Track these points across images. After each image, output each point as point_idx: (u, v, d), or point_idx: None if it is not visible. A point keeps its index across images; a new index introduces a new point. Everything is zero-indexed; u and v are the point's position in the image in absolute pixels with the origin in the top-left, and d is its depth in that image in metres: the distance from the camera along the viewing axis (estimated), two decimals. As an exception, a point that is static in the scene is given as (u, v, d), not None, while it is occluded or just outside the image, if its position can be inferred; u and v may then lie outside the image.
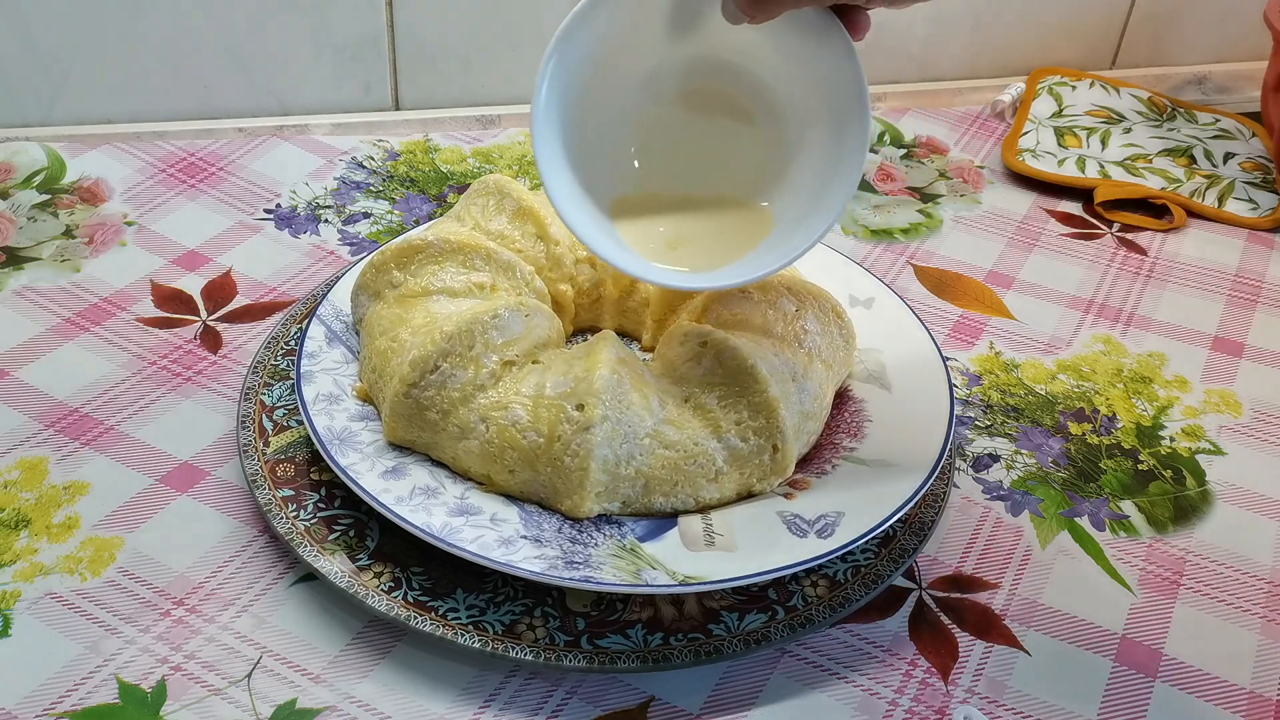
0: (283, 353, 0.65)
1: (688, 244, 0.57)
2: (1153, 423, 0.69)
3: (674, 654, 0.52)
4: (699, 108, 0.57)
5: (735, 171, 0.57)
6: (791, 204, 0.56)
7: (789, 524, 0.55)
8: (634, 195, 0.58)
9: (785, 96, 0.55)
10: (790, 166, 0.56)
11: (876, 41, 0.97)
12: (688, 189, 0.58)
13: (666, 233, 0.57)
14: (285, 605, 0.55)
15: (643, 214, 0.57)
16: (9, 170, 0.81)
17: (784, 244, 0.55)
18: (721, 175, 0.58)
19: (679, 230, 0.57)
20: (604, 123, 0.56)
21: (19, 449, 0.61)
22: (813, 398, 0.59)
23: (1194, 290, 0.80)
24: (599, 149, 0.56)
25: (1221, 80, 1.04)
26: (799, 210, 0.55)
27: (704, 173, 0.58)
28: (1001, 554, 0.60)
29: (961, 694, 0.53)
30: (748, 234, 0.57)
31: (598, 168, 0.56)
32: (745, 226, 0.57)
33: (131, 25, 0.82)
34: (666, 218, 0.58)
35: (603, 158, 0.57)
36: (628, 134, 0.57)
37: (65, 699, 0.50)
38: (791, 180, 0.56)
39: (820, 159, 0.55)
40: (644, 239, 0.57)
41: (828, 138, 0.54)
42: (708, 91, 0.56)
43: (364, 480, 0.54)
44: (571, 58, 0.52)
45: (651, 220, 0.57)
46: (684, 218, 0.58)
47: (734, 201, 0.58)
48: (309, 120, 0.88)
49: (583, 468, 0.53)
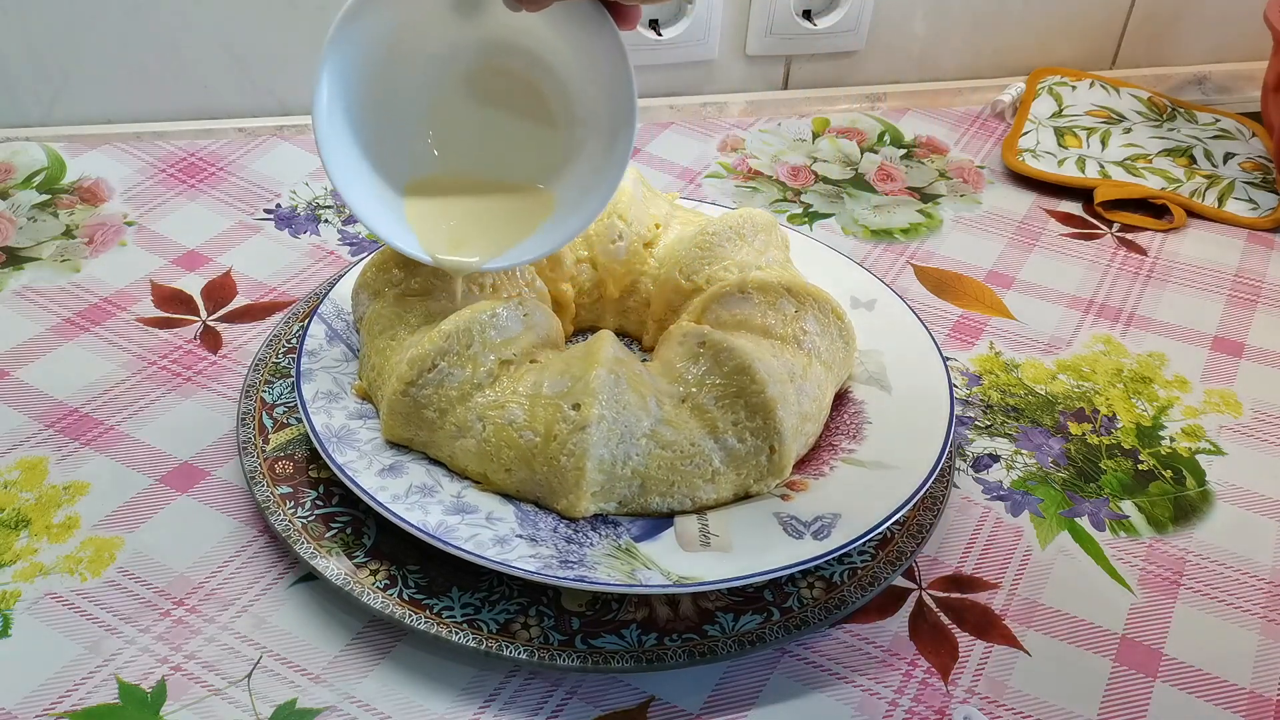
0: (284, 350, 0.65)
1: (473, 228, 0.58)
2: (1153, 423, 0.69)
3: (668, 654, 0.52)
4: (491, 88, 0.58)
5: (523, 155, 0.59)
6: (571, 187, 0.58)
7: (785, 525, 0.55)
8: (427, 179, 0.59)
9: (567, 78, 0.57)
10: (571, 150, 0.58)
11: (877, 41, 0.97)
12: (478, 173, 0.59)
13: (453, 217, 0.59)
14: (285, 605, 0.55)
15: (434, 197, 0.59)
16: (9, 170, 0.81)
17: (560, 227, 0.57)
18: (510, 159, 0.59)
19: (465, 214, 0.59)
20: (397, 107, 0.58)
21: (19, 449, 0.61)
22: (811, 399, 0.59)
23: (1194, 290, 0.80)
24: (393, 134, 0.58)
25: (1221, 80, 1.04)
26: (577, 193, 0.57)
27: (493, 156, 0.59)
28: (1001, 554, 0.60)
29: (961, 694, 0.53)
30: (529, 217, 0.58)
31: (392, 153, 0.58)
32: (528, 210, 0.59)
33: (131, 25, 0.82)
34: (455, 201, 0.59)
35: (397, 142, 0.58)
36: (422, 118, 0.59)
37: (65, 699, 0.50)
38: (572, 165, 0.58)
39: (596, 145, 0.57)
40: (431, 223, 0.58)
41: (604, 123, 0.56)
42: (499, 70, 0.58)
43: (361, 478, 0.54)
44: (357, 42, 0.54)
45: (441, 203, 0.59)
46: (471, 201, 0.59)
47: (519, 186, 0.59)
48: (309, 120, 0.88)
49: (579, 467, 0.53)
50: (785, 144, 0.91)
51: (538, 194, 0.59)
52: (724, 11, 0.92)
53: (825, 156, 0.90)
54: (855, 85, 0.99)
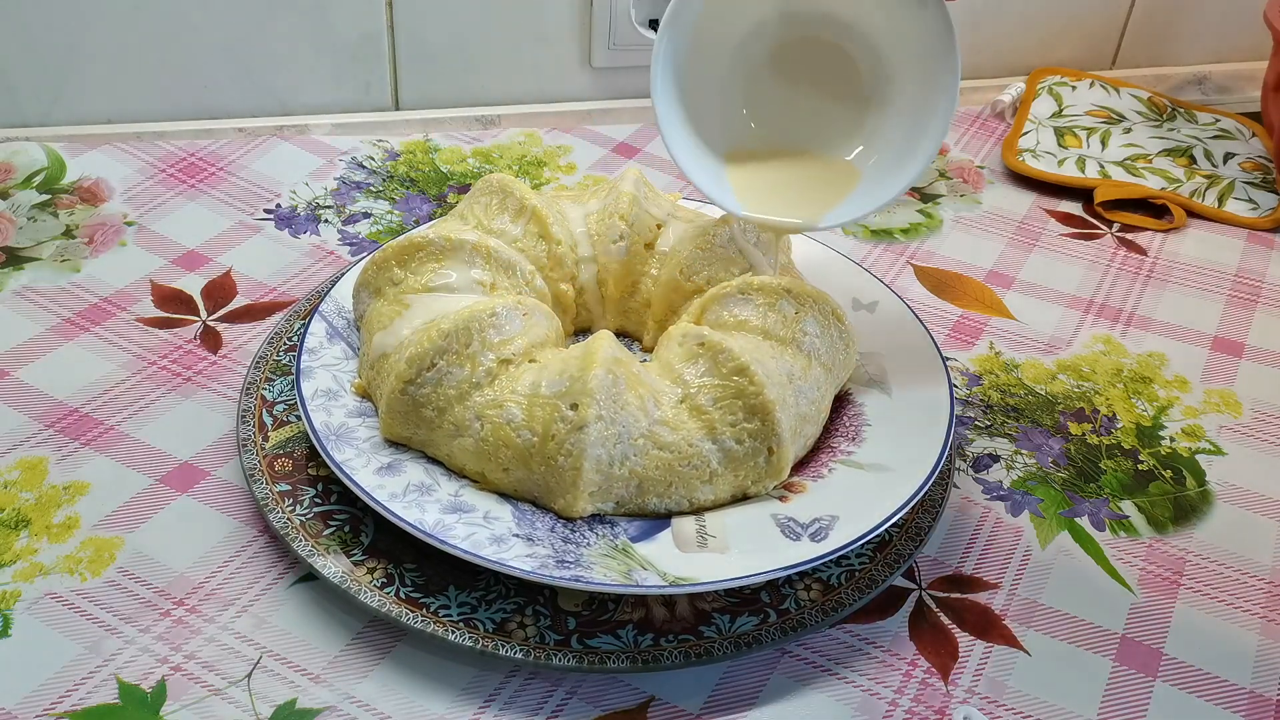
0: (285, 348, 0.65)
1: (787, 194, 0.62)
2: (1153, 423, 0.69)
3: (665, 655, 0.52)
4: (799, 59, 0.62)
5: (830, 124, 0.63)
6: (880, 157, 0.61)
7: (783, 527, 0.55)
8: (745, 149, 0.63)
9: (880, 49, 0.60)
10: (881, 120, 0.61)
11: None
12: (789, 142, 0.63)
13: (768, 183, 0.62)
14: (285, 605, 0.55)
15: (750, 164, 0.63)
16: (9, 170, 0.81)
17: (865, 197, 0.60)
18: (818, 127, 0.63)
19: (778, 181, 0.62)
20: (715, 80, 0.62)
21: (19, 449, 0.61)
22: (810, 401, 0.59)
23: (1194, 290, 0.80)
24: (712, 106, 0.62)
25: (1221, 80, 1.04)
26: (886, 164, 0.61)
27: (803, 126, 0.63)
28: (1001, 554, 0.60)
29: (961, 694, 0.53)
30: (836, 187, 0.62)
31: (713, 123, 0.62)
32: (835, 179, 0.62)
33: (131, 25, 0.82)
34: (770, 169, 0.63)
35: (716, 113, 0.62)
36: (736, 89, 0.63)
37: (65, 699, 0.50)
38: (882, 134, 0.61)
39: (908, 114, 0.60)
40: (750, 189, 0.62)
41: (916, 92, 0.59)
42: (807, 40, 0.61)
43: (359, 476, 0.54)
44: (681, 27, 0.58)
45: (757, 170, 0.63)
46: (784, 169, 0.63)
47: (825, 157, 0.63)
48: (309, 120, 0.88)
49: (576, 467, 0.53)
50: (785, 144, 0.91)
51: (842, 164, 0.62)
52: (724, 11, 0.92)
53: (825, 156, 0.90)
54: (855, 85, 0.99)
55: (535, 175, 0.86)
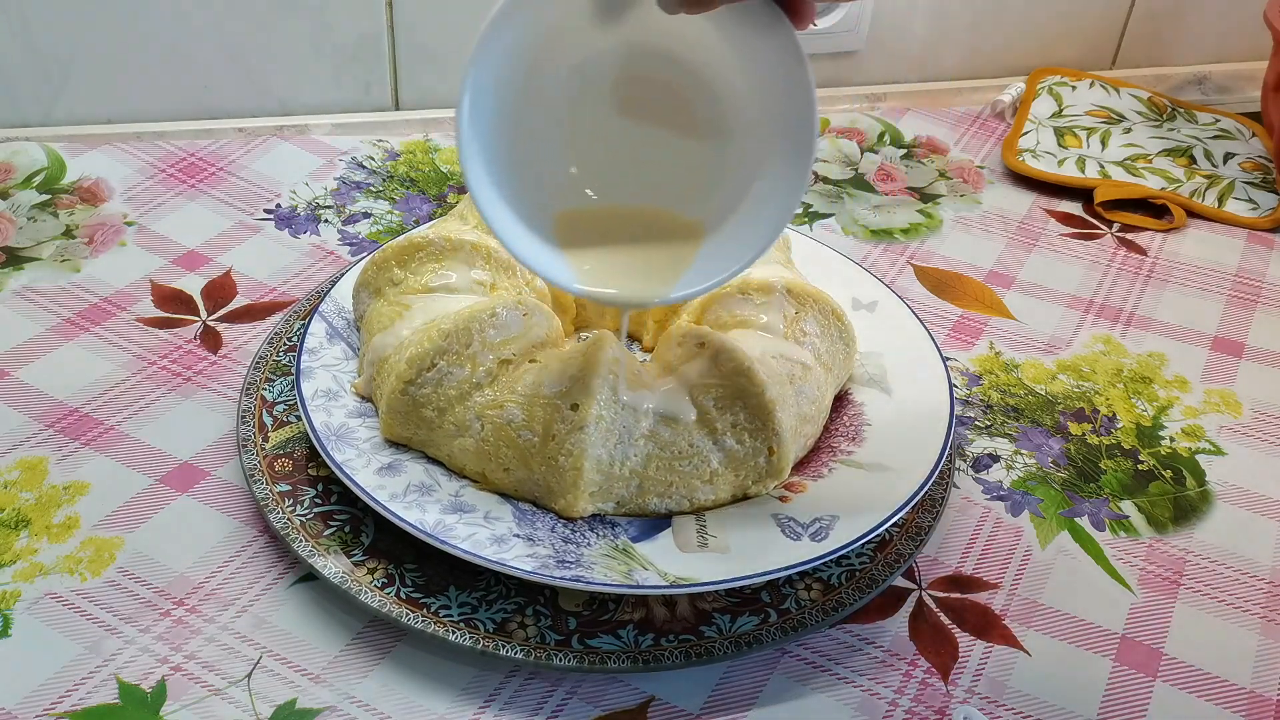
0: (285, 348, 0.65)
1: (625, 259, 0.54)
2: (1153, 423, 0.69)
3: (665, 655, 0.52)
4: (637, 102, 0.53)
5: (673, 179, 0.54)
6: (728, 219, 0.52)
7: (783, 527, 0.55)
8: (577, 205, 0.54)
9: (726, 92, 0.51)
10: (729, 176, 0.52)
11: (876, 41, 0.97)
12: (628, 197, 0.54)
13: (605, 247, 0.54)
14: (285, 605, 0.55)
15: (584, 225, 0.54)
16: (9, 170, 0.81)
17: (712, 266, 0.52)
18: (659, 180, 0.54)
19: (616, 244, 0.54)
20: (541, 125, 0.52)
21: (19, 449, 0.61)
22: (810, 401, 0.59)
23: (1194, 290, 0.80)
24: (537, 155, 0.53)
25: (1221, 80, 1.04)
26: (735, 227, 0.52)
27: (642, 178, 0.54)
28: (1001, 554, 0.60)
29: (961, 694, 0.53)
30: (683, 250, 0.53)
31: (540, 175, 0.53)
32: (680, 240, 0.54)
33: (131, 25, 0.82)
34: (606, 230, 0.54)
35: (541, 164, 0.53)
36: (565, 138, 0.54)
37: (65, 699, 0.50)
38: (729, 192, 0.52)
39: (761, 171, 0.51)
40: (585, 257, 0.54)
41: (770, 147, 0.50)
42: (646, 82, 0.52)
43: (359, 476, 0.54)
44: (497, 61, 0.48)
45: (592, 232, 0.54)
46: (622, 229, 0.54)
47: (669, 216, 0.54)
48: (309, 120, 0.88)
49: (576, 467, 0.53)
50: (785, 144, 0.91)
51: (690, 221, 0.53)
52: (724, 11, 0.92)
53: (825, 156, 0.90)
54: (855, 85, 0.99)
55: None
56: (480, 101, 0.49)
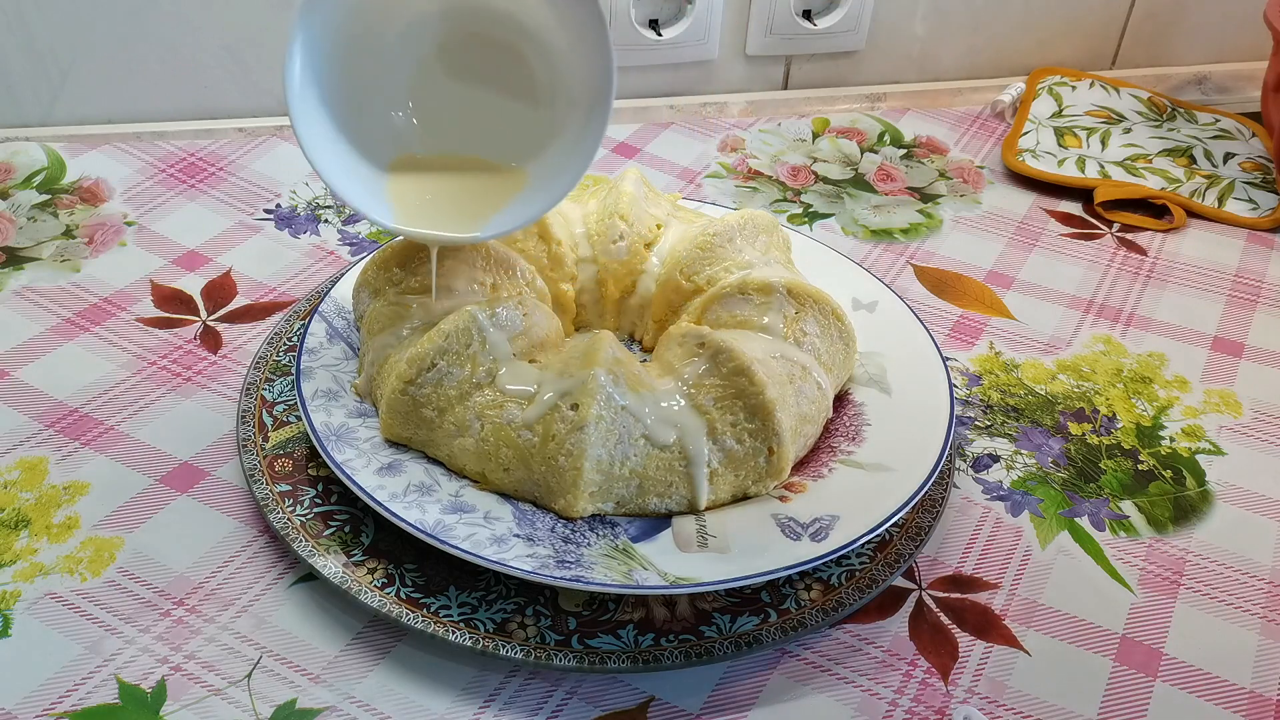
0: (285, 348, 0.65)
1: (446, 204, 0.58)
2: (1153, 423, 0.69)
3: (665, 655, 0.52)
4: (469, 57, 0.58)
5: (500, 128, 0.59)
6: (546, 163, 0.57)
7: (783, 527, 0.55)
8: (408, 156, 0.59)
9: (549, 47, 0.56)
10: (551, 124, 0.57)
11: (877, 41, 0.97)
12: (457, 148, 0.59)
13: (429, 192, 0.58)
14: (285, 605, 0.55)
15: (412, 173, 0.58)
16: (9, 170, 0.81)
17: (526, 205, 0.56)
18: (486, 133, 0.59)
19: (440, 190, 0.58)
20: (375, 78, 0.57)
21: (19, 449, 0.61)
22: (810, 401, 0.59)
23: (1194, 290, 0.80)
24: (373, 107, 0.58)
25: (1221, 80, 1.04)
26: (551, 170, 0.57)
27: (471, 130, 0.59)
28: (1001, 554, 0.60)
29: (961, 694, 0.53)
30: (500, 194, 0.58)
31: (373, 127, 0.57)
32: (499, 186, 0.58)
33: (131, 25, 0.82)
34: (432, 178, 0.59)
35: (377, 116, 0.58)
36: (400, 90, 0.58)
37: (65, 699, 0.50)
38: (550, 139, 0.57)
39: (573, 119, 0.56)
40: (408, 198, 0.58)
41: (581, 96, 0.55)
42: (476, 37, 0.57)
43: (359, 476, 0.54)
44: (326, 14, 0.53)
45: (419, 179, 0.58)
46: (447, 178, 0.59)
47: (493, 163, 0.59)
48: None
49: (576, 467, 0.53)
50: (785, 144, 0.91)
51: (511, 171, 0.58)
52: (724, 11, 0.92)
53: (825, 156, 0.90)
54: (855, 85, 0.99)
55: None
56: (313, 51, 0.53)
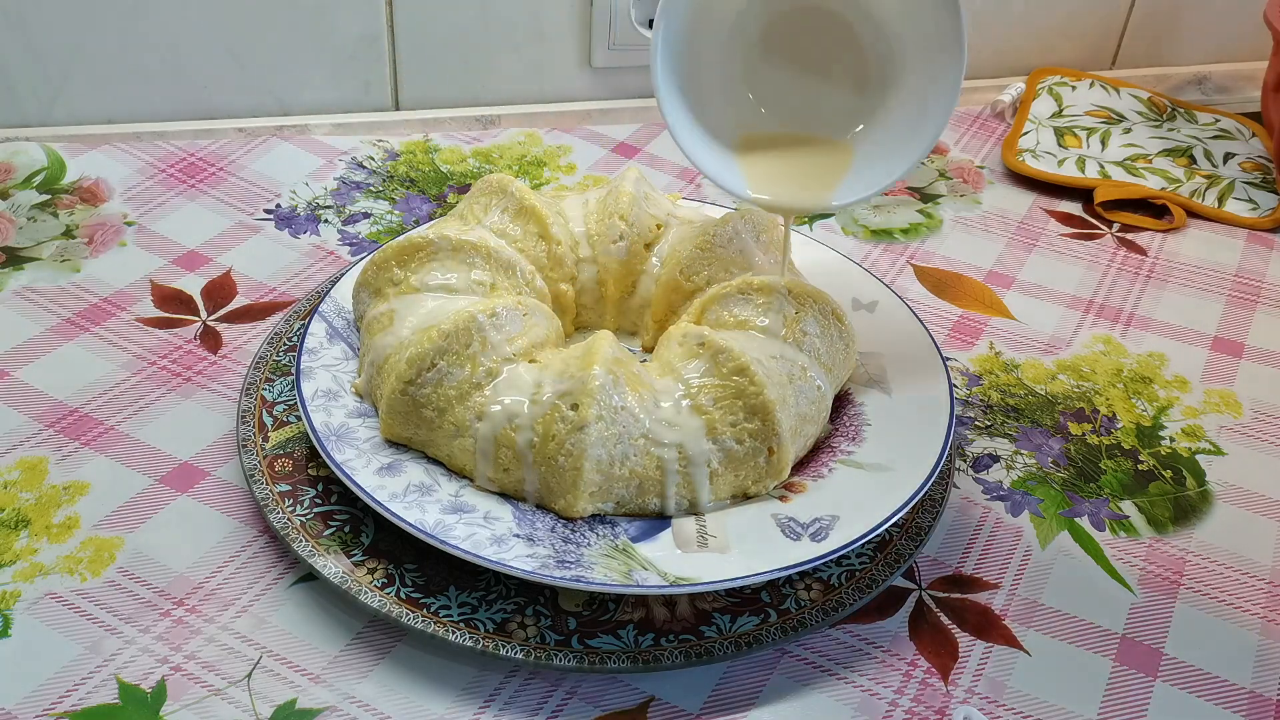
0: (284, 349, 0.65)
1: (791, 178, 0.61)
2: (1153, 423, 0.69)
3: (665, 655, 0.52)
4: (799, 32, 0.61)
5: (833, 102, 0.61)
6: (882, 137, 0.60)
7: (783, 527, 0.55)
8: (755, 132, 0.62)
9: (880, 17, 0.59)
10: (884, 98, 0.60)
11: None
12: (796, 122, 0.62)
13: (775, 166, 0.61)
14: (285, 605, 0.55)
15: (759, 148, 0.62)
16: (9, 170, 0.81)
17: (863, 179, 0.59)
18: (821, 106, 0.62)
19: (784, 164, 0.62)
20: (717, 64, 0.61)
21: (19, 449, 0.61)
22: (810, 401, 0.59)
23: (1194, 290, 0.80)
24: (718, 90, 0.61)
25: (1221, 80, 1.04)
26: (886, 145, 0.60)
27: (807, 104, 0.62)
28: (1001, 554, 0.60)
29: (961, 694, 0.53)
30: (838, 169, 0.61)
31: (721, 109, 0.61)
32: (836, 161, 0.61)
33: (131, 25, 0.82)
34: (775, 152, 0.62)
35: (722, 98, 0.61)
36: (738, 71, 0.62)
37: (65, 699, 0.50)
38: (884, 113, 0.60)
39: (910, 92, 0.59)
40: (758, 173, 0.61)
41: (919, 69, 0.58)
42: (809, 11, 0.60)
43: (359, 476, 0.54)
44: (676, 14, 0.57)
45: (764, 154, 0.62)
46: (789, 151, 0.62)
47: (827, 138, 0.62)
48: (309, 120, 0.88)
49: (576, 467, 0.53)
50: (785, 144, 0.91)
51: (843, 144, 0.61)
52: (724, 11, 0.92)
53: (825, 156, 0.90)
54: (855, 85, 0.99)
55: (535, 175, 0.86)
56: (669, 45, 0.57)
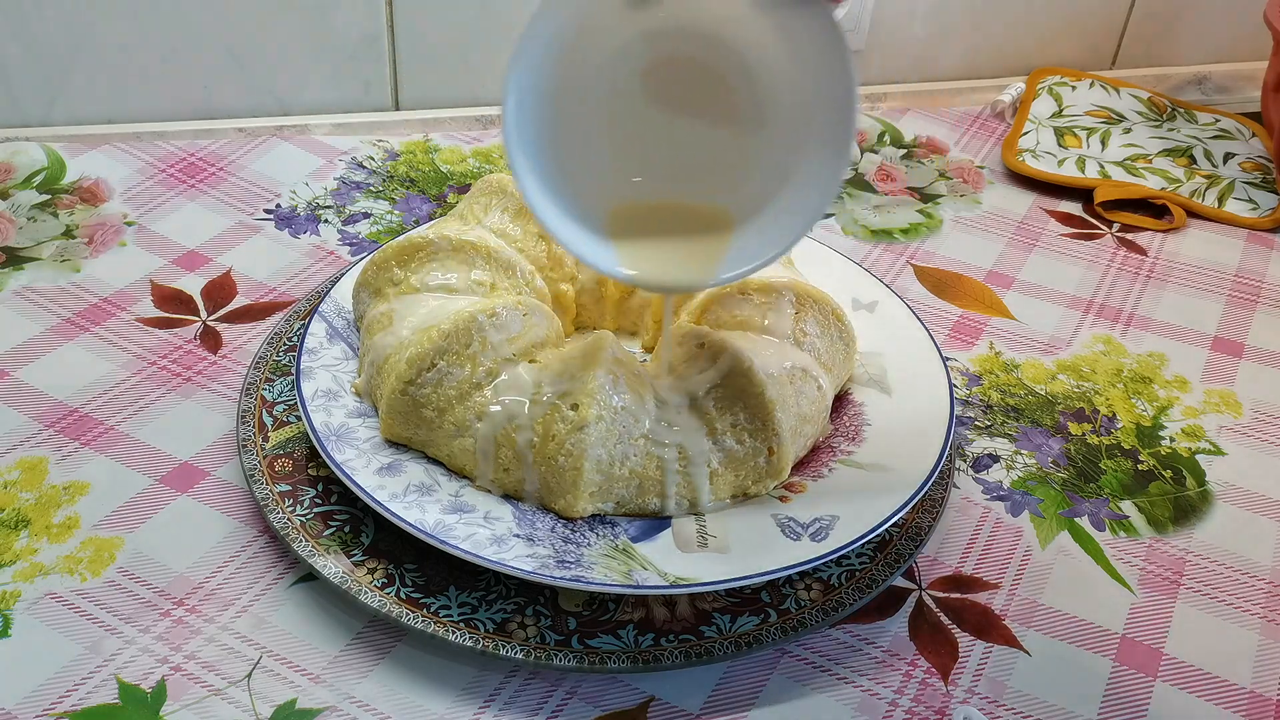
0: (284, 349, 0.65)
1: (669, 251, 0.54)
2: (1153, 423, 0.69)
3: (665, 655, 0.52)
4: (672, 88, 0.53)
5: (714, 167, 0.54)
6: (765, 204, 0.53)
7: (783, 527, 0.55)
8: (629, 199, 0.55)
9: (762, 75, 0.51)
10: (763, 164, 0.53)
11: (877, 41, 0.97)
12: (670, 190, 0.55)
13: (651, 238, 0.55)
14: (285, 605, 0.55)
15: (633, 217, 0.55)
16: (9, 170, 0.81)
17: (741, 257, 0.52)
18: (700, 172, 0.54)
19: (660, 235, 0.55)
20: (583, 120, 0.53)
21: (19, 449, 0.61)
22: (810, 401, 0.59)
23: (1194, 290, 0.80)
24: (582, 151, 0.53)
25: (1221, 80, 1.04)
26: (767, 217, 0.53)
27: (683, 170, 0.55)
28: (1001, 554, 0.60)
29: (961, 694, 0.53)
30: (711, 243, 0.54)
31: (587, 170, 0.54)
32: (710, 233, 0.54)
33: (131, 25, 0.82)
34: (650, 221, 0.55)
35: (586, 159, 0.54)
36: (606, 131, 0.54)
37: (65, 699, 0.50)
38: (766, 178, 0.53)
39: (798, 156, 0.51)
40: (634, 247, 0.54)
41: (807, 132, 0.51)
42: (680, 65, 0.52)
43: (359, 476, 0.54)
44: (537, 60, 0.49)
45: (639, 223, 0.55)
46: (665, 219, 0.55)
47: (702, 208, 0.55)
48: (309, 120, 0.88)
49: (576, 467, 0.53)
50: (785, 144, 0.91)
51: (722, 210, 0.54)
52: (724, 11, 0.92)
53: (825, 156, 0.90)
54: (855, 85, 0.99)
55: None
56: (524, 102, 0.49)
